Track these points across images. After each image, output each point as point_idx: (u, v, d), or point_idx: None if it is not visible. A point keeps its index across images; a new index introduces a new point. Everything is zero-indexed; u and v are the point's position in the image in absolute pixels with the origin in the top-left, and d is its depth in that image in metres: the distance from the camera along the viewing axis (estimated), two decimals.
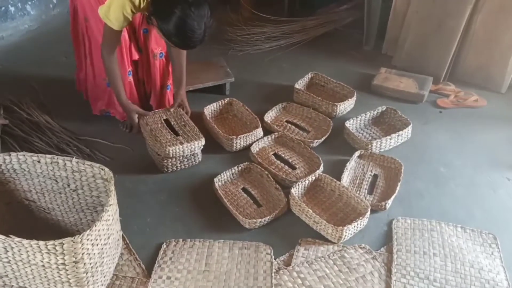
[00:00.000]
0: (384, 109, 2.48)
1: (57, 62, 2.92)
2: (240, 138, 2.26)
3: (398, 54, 2.99)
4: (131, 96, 2.28)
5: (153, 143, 2.09)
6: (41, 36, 3.17)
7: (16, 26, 3.08)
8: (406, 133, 2.35)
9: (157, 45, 2.24)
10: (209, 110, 2.45)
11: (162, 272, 1.70)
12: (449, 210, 2.01)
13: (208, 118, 2.38)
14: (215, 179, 2.06)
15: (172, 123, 2.21)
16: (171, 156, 2.04)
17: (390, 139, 2.29)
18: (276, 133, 2.33)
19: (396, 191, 2.03)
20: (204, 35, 1.88)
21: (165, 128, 2.16)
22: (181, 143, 2.07)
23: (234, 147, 2.27)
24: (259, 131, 2.33)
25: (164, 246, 1.80)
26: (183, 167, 2.15)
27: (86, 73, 2.38)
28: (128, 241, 1.81)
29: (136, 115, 2.27)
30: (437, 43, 2.77)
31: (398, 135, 2.31)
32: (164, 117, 2.24)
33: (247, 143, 2.30)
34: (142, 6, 1.95)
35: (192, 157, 2.16)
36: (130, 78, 2.26)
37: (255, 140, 2.31)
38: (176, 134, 2.14)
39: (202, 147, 2.12)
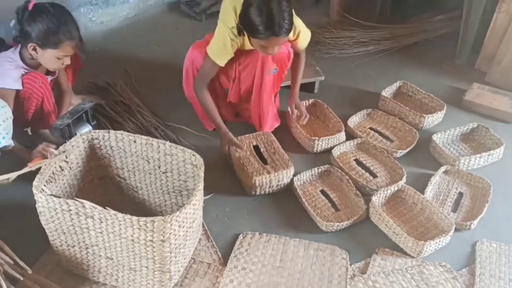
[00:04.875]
0: (475, 126, 2.38)
1: (150, 49, 3.04)
2: (322, 140, 2.24)
3: (493, 70, 2.84)
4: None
5: (240, 171, 2.06)
6: (137, 23, 3.32)
7: (116, 13, 3.24)
8: (497, 153, 2.24)
9: (273, 62, 2.15)
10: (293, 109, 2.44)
11: (237, 262, 1.73)
12: None
13: (291, 117, 2.38)
14: (295, 178, 2.06)
15: (262, 150, 2.15)
16: (257, 185, 1.98)
17: (480, 157, 2.19)
18: (359, 139, 2.30)
19: (483, 212, 1.94)
20: (284, 15, 1.83)
21: (254, 155, 2.10)
22: (268, 173, 2.00)
23: (315, 149, 2.26)
24: (342, 135, 2.31)
25: (241, 237, 1.83)
26: (270, 192, 2.05)
27: None
28: (206, 228, 1.85)
29: (227, 146, 2.16)
30: None
31: (489, 154, 2.21)
32: (254, 143, 2.17)
33: (328, 146, 2.28)
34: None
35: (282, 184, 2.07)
36: None
37: (337, 144, 2.28)
38: (265, 162, 2.08)
39: (291, 176, 2.04)
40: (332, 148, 2.25)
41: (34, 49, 1.88)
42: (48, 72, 2.07)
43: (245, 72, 2.19)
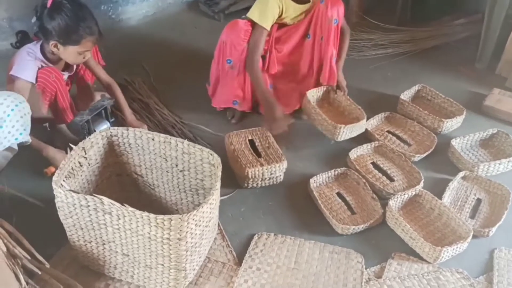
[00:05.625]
0: (495, 131, 2.34)
1: (168, 47, 3.06)
2: (346, 128, 2.19)
3: None
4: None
5: (234, 163, 2.08)
6: (156, 21, 3.34)
7: (135, 11, 3.26)
8: None
9: (332, 9, 2.24)
10: (312, 94, 2.39)
11: (252, 262, 1.72)
12: None
13: (311, 103, 2.32)
14: (311, 180, 2.05)
15: (256, 144, 2.18)
16: (250, 177, 2.01)
17: (500, 164, 2.16)
18: (376, 142, 2.28)
19: (502, 220, 1.91)
20: None
21: (248, 149, 2.14)
22: (261, 165, 2.04)
23: (339, 137, 2.22)
24: (364, 123, 2.28)
25: (256, 237, 1.83)
26: (263, 185, 2.09)
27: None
28: (222, 227, 1.85)
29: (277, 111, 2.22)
30: None
31: (508, 161, 2.17)
32: (250, 137, 2.21)
33: (352, 135, 2.25)
34: None
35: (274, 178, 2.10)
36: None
37: (360, 132, 2.27)
38: (259, 155, 2.11)
39: (284, 170, 2.06)
40: (355, 137, 2.26)
41: (56, 46, 1.90)
42: (65, 69, 2.09)
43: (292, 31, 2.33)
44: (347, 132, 2.22)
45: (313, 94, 2.42)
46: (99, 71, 2.22)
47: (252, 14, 2.21)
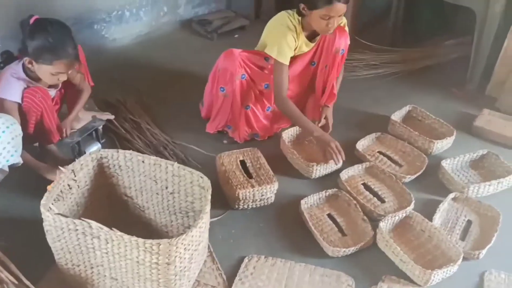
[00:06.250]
0: (485, 152, 2.36)
1: (161, 67, 3.07)
2: (320, 166, 2.22)
3: (504, 97, 2.83)
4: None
5: (225, 184, 2.08)
6: (149, 41, 3.36)
7: (129, 30, 3.28)
8: (507, 181, 2.21)
9: (340, 40, 2.30)
10: (288, 134, 2.42)
11: (242, 285, 1.71)
12: None
13: (286, 143, 2.36)
14: (302, 201, 2.05)
15: (248, 164, 2.18)
16: (240, 199, 2.00)
17: (489, 185, 2.17)
18: (367, 163, 2.29)
19: (492, 242, 1.91)
20: None
21: (240, 170, 2.14)
22: (252, 186, 2.03)
23: (313, 175, 2.24)
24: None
25: (246, 260, 1.82)
26: (254, 206, 2.07)
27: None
28: (212, 250, 1.84)
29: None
30: None
31: (498, 182, 2.18)
32: (241, 158, 2.20)
33: (327, 172, 2.27)
34: (296, 24, 2.19)
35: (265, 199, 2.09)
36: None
37: (335, 169, 2.28)
38: (250, 176, 2.11)
39: (275, 191, 2.07)
40: (330, 173, 2.26)
41: (30, 63, 1.91)
42: (51, 85, 2.09)
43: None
44: (321, 170, 2.24)
45: (291, 133, 2.44)
46: (76, 78, 2.19)
47: (271, 50, 2.20)
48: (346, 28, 2.35)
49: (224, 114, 2.38)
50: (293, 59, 2.33)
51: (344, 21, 2.32)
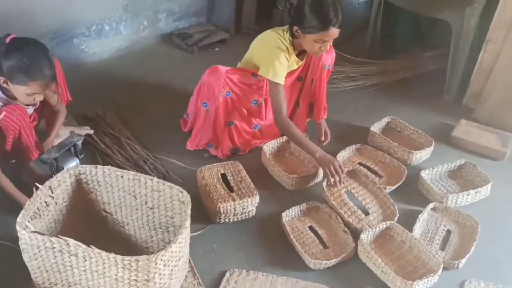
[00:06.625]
0: (462, 162, 2.40)
1: (141, 80, 3.05)
2: (300, 177, 2.24)
3: (480, 107, 2.89)
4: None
5: (206, 198, 2.07)
6: (130, 55, 3.34)
7: (108, 44, 3.26)
8: (485, 191, 2.25)
9: (326, 56, 2.33)
10: (269, 147, 2.41)
11: None
12: None
13: (267, 156, 2.36)
14: (283, 214, 2.05)
15: (229, 178, 2.17)
16: (221, 212, 1.99)
17: (468, 195, 2.20)
18: (350, 166, 2.32)
19: (471, 251, 1.93)
20: (337, 7, 2.03)
21: (221, 183, 2.13)
22: (233, 200, 2.03)
23: (295, 187, 2.25)
24: (320, 172, 2.30)
25: (227, 274, 1.80)
26: (235, 220, 2.07)
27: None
28: (193, 264, 1.83)
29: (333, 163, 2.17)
30: None
31: (476, 192, 2.22)
32: (222, 171, 2.19)
33: (308, 184, 2.28)
34: (287, 45, 2.20)
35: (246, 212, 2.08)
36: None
37: (317, 181, 2.29)
38: (231, 190, 2.10)
39: (256, 204, 2.06)
40: (312, 185, 2.27)
41: (6, 82, 1.88)
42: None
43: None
44: (302, 182, 2.25)
45: (272, 146, 2.43)
46: (52, 98, 2.15)
47: (265, 73, 2.20)
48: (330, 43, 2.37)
49: (206, 133, 2.37)
50: None
51: None
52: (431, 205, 2.15)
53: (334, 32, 2.08)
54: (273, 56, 2.19)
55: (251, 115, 2.40)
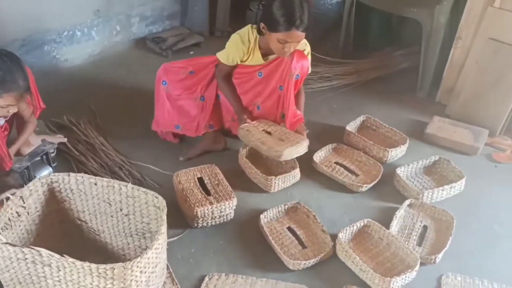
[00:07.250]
0: (436, 158, 2.43)
1: (115, 86, 3.02)
2: (278, 178, 2.23)
3: (453, 103, 2.94)
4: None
5: (182, 203, 2.06)
6: (102, 60, 3.30)
7: (80, 50, 3.21)
8: (459, 186, 2.28)
9: (297, 63, 2.28)
10: (245, 149, 2.39)
11: None
12: (502, 270, 1.93)
13: (244, 158, 2.35)
14: (261, 216, 2.05)
15: (206, 181, 2.16)
16: (199, 216, 1.98)
17: (443, 190, 2.23)
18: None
19: (447, 245, 1.96)
20: (304, 11, 2.06)
21: (197, 187, 2.11)
22: (211, 203, 2.01)
23: (272, 188, 2.25)
24: (297, 172, 2.30)
25: (206, 279, 1.79)
26: (213, 223, 2.05)
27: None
28: (171, 270, 1.81)
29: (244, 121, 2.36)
30: (495, 95, 2.71)
31: (450, 187, 2.25)
32: (199, 175, 2.18)
33: (286, 185, 2.28)
34: (251, 39, 2.27)
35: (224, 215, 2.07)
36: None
37: (294, 182, 2.30)
38: (208, 193, 2.09)
39: (234, 207, 2.05)
40: (289, 186, 2.28)
41: None
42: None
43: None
44: (279, 183, 2.25)
45: (249, 148, 2.39)
46: (22, 108, 2.10)
47: (222, 56, 2.34)
48: (309, 57, 2.34)
49: (171, 112, 2.43)
50: (262, 88, 2.39)
51: (307, 49, 2.34)
52: (407, 202, 2.17)
53: (297, 34, 2.09)
54: (232, 44, 2.30)
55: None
